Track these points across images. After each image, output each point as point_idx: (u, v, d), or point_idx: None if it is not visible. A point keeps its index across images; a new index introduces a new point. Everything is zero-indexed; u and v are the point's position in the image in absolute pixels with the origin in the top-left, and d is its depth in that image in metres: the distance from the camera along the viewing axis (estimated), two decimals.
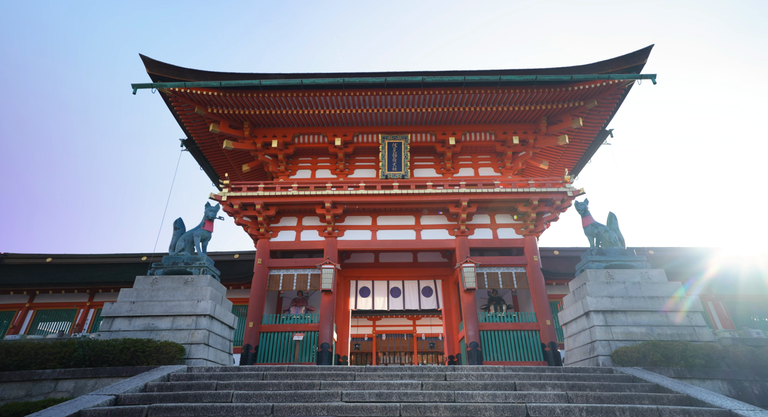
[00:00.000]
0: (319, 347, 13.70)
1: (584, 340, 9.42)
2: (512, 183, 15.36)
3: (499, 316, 14.47)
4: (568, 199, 14.86)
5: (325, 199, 15.15)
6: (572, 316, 10.10)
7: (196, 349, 8.97)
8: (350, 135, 16.85)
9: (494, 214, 16.15)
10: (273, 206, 15.60)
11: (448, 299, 16.98)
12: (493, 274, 14.97)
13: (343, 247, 15.59)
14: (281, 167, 17.30)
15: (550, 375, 7.37)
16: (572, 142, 16.99)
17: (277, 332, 14.14)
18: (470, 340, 13.60)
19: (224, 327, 10.43)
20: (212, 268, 10.84)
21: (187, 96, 14.71)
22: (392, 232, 15.92)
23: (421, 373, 7.61)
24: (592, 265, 10.17)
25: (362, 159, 17.91)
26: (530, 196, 14.94)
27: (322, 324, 14.14)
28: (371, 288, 17.46)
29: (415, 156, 17.85)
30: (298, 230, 16.04)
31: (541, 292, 14.35)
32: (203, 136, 16.69)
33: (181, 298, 9.67)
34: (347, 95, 14.72)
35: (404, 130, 16.91)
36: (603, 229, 10.96)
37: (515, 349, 13.66)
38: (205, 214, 11.51)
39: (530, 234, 15.48)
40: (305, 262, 15.22)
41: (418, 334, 28.81)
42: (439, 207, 15.71)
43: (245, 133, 16.38)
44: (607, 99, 15.01)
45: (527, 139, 16.56)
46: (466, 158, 17.85)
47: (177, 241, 11.17)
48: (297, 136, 17.11)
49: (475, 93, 14.63)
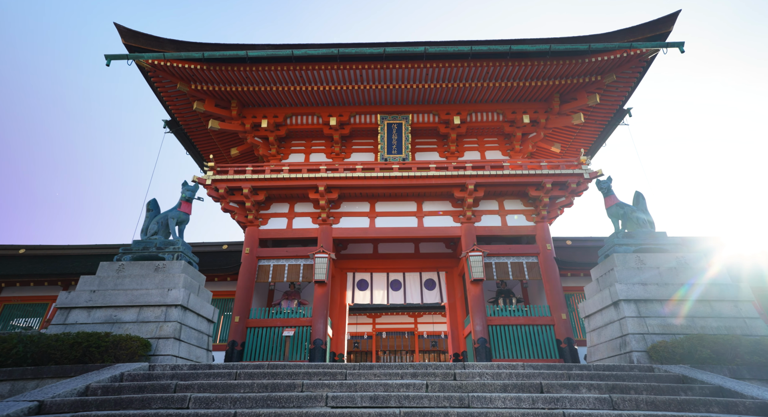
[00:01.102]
0: (312, 344, 12.47)
1: (612, 334, 8.18)
2: (523, 165, 14.09)
3: (509, 309, 13.22)
4: (584, 181, 13.59)
5: (318, 183, 13.91)
6: (596, 307, 8.86)
7: (164, 344, 7.74)
8: (346, 115, 15.59)
9: (503, 200, 14.89)
10: (262, 191, 14.35)
11: (452, 292, 15.75)
12: (503, 264, 13.72)
13: (339, 236, 14.34)
14: (272, 151, 16.06)
15: (581, 373, 6.13)
16: (586, 123, 15.71)
17: (266, 327, 12.90)
18: (478, 335, 12.36)
19: (201, 320, 9.20)
20: (189, 254, 9.60)
21: (168, 70, 13.46)
22: (392, 219, 14.66)
23: (425, 372, 6.38)
24: (620, 249, 8.92)
25: (360, 142, 16.65)
26: (543, 179, 13.67)
27: (315, 318, 12.90)
28: (369, 280, 16.22)
29: (417, 139, 16.59)
30: (290, 217, 14.79)
31: (555, 283, 13.10)
32: (188, 117, 15.44)
33: (149, 287, 8.44)
34: (342, 69, 13.45)
35: (405, 109, 15.65)
36: (629, 209, 9.70)
37: (527, 346, 12.41)
38: (182, 194, 10.28)
39: (542, 221, 14.22)
40: (297, 251, 13.99)
41: (419, 332, 27.65)
42: (444, 191, 14.45)
43: (233, 112, 15.13)
44: (627, 73, 13.73)
45: (538, 119, 15.28)
46: (472, 141, 16.58)
47: (150, 223, 9.94)
48: (289, 117, 15.85)
49: (482, 66, 13.36)
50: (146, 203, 10.23)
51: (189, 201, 10.29)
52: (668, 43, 12.15)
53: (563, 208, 14.36)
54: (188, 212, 10.24)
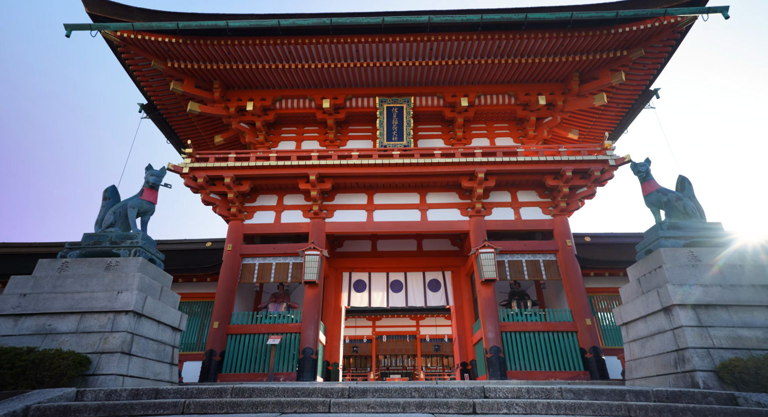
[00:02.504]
0: (301, 353, 10.94)
1: (663, 347, 6.64)
2: (539, 151, 12.54)
3: (525, 313, 11.68)
4: (609, 169, 12.03)
5: (309, 171, 12.38)
6: (638, 312, 7.32)
7: (108, 360, 6.22)
8: (342, 98, 14.06)
9: (516, 191, 13.34)
10: (246, 180, 12.82)
11: (459, 294, 14.21)
12: (516, 262, 12.19)
13: (333, 230, 12.81)
14: (260, 138, 14.53)
15: (644, 407, 4.58)
16: (607, 106, 14.16)
17: (249, 334, 11.38)
18: (490, 344, 10.83)
19: (163, 328, 7.68)
20: (151, 250, 8.08)
21: (139, 44, 11.95)
22: (392, 212, 13.13)
23: (434, 401, 4.85)
24: (667, 243, 7.38)
25: (356, 128, 15.13)
26: (562, 166, 12.13)
27: (305, 324, 11.38)
28: (368, 281, 14.70)
29: (420, 125, 15.06)
30: (278, 210, 13.26)
31: (578, 284, 11.56)
32: (166, 100, 13.92)
33: (96, 289, 6.92)
34: (336, 44, 11.93)
35: (406, 91, 14.12)
36: (674, 196, 8.16)
37: (547, 356, 10.87)
38: (145, 179, 8.76)
39: (561, 214, 12.67)
40: (286, 248, 12.46)
41: (421, 336, 26.17)
42: (450, 181, 12.92)
43: (215, 94, 13.60)
44: (656, 47, 12.18)
45: (555, 102, 13.74)
46: (480, 126, 15.04)
47: (105, 214, 8.41)
48: (278, 100, 14.32)
49: (494, 40, 11.83)
50: (103, 191, 8.70)
51: (154, 188, 8.77)
52: (709, 8, 10.59)
53: (584, 200, 12.81)
54: (153, 201, 8.72)
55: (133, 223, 8.28)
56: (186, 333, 12.64)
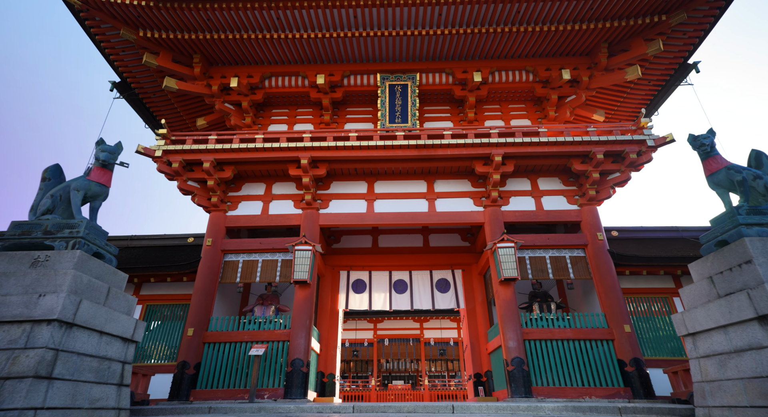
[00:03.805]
0: (290, 365, 9.33)
1: (760, 369, 5.01)
2: (564, 131, 10.90)
3: (549, 318, 10.05)
4: (647, 150, 10.39)
5: (300, 155, 10.78)
6: (715, 320, 5.69)
7: (13, 389, 4.61)
8: (338, 74, 12.45)
9: (537, 178, 11.72)
10: (229, 166, 11.23)
11: (471, 296, 12.59)
12: (539, 259, 10.57)
13: (328, 223, 11.20)
14: (247, 120, 12.94)
15: None
16: (638, 83, 12.54)
17: (230, 343, 9.78)
18: (511, 354, 9.20)
19: (108, 340, 6.06)
20: (96, 242, 6.47)
21: (104, 8, 10.37)
22: (395, 202, 11.52)
23: None
24: (751, 231, 5.74)
25: (355, 110, 13.53)
26: (592, 148, 10.49)
27: (295, 331, 9.77)
28: (368, 281, 13.09)
29: (426, 105, 13.45)
30: (266, 201, 11.66)
31: (612, 284, 9.93)
32: (141, 77, 12.34)
33: (13, 291, 5.32)
34: (331, 8, 10.34)
35: (411, 67, 12.50)
36: (750, 174, 6.51)
37: (578, 368, 9.24)
38: (95, 156, 7.16)
39: (589, 203, 11.04)
40: (274, 243, 10.87)
41: (426, 339, 24.63)
42: (462, 166, 11.31)
43: (196, 70, 12.02)
44: (701, 10, 10.56)
45: (579, 77, 12.11)
46: (494, 107, 13.42)
47: (42, 198, 6.81)
48: (267, 78, 12.73)
49: (512, 2, 10.22)
50: (42, 171, 7.10)
51: (106, 167, 7.16)
52: None
53: (615, 188, 11.17)
54: (105, 183, 7.11)
55: (77, 209, 6.67)
56: (159, 340, 11.04)
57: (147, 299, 11.34)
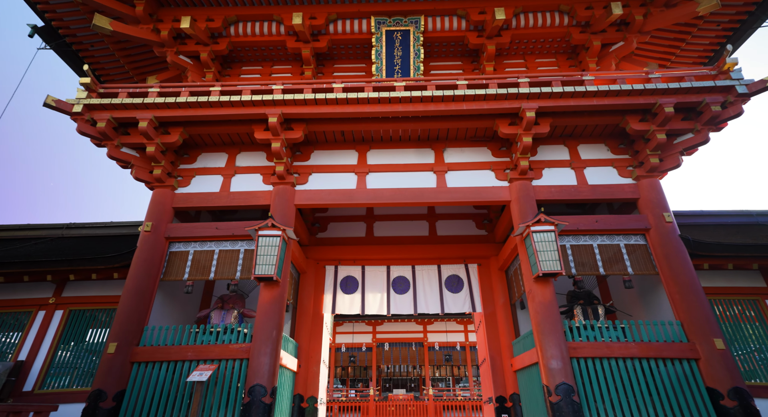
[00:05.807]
0: (247, 394, 6.71)
1: None
2: (618, 78, 8.20)
3: (598, 327, 7.41)
4: (736, 100, 7.70)
5: (268, 111, 8.15)
6: None
7: None
8: (321, 17, 9.81)
9: (577, 144, 9.06)
10: (176, 127, 8.60)
11: (489, 296, 9.96)
12: (584, 247, 7.94)
13: (307, 202, 8.58)
14: (209, 77, 10.33)
15: None
16: (704, 26, 9.87)
17: (170, 362, 7.17)
18: (555, 378, 6.56)
19: None
20: None
21: None
22: (394, 176, 8.88)
23: None
24: None
25: (344, 66, 10.90)
26: (658, 99, 7.82)
27: (257, 345, 7.14)
28: (360, 278, 10.48)
29: (432, 60, 10.81)
30: (228, 175, 9.03)
31: (690, 281, 7.27)
32: (69, 20, 9.70)
33: None
34: None
35: (414, 8, 9.85)
36: None
37: (648, 399, 6.60)
38: None
39: (649, 175, 8.38)
40: (234, 228, 8.26)
41: (430, 343, 22.18)
42: (480, 127, 8.66)
43: (138, 9, 9.40)
44: None
45: (630, 18, 9.46)
46: (517, 62, 10.76)
47: None
48: (233, 24, 10.10)
49: None
50: None
51: None
52: None
53: (684, 154, 8.49)
54: None
55: None
56: (81, 357, 8.43)
57: (70, 303, 8.74)
